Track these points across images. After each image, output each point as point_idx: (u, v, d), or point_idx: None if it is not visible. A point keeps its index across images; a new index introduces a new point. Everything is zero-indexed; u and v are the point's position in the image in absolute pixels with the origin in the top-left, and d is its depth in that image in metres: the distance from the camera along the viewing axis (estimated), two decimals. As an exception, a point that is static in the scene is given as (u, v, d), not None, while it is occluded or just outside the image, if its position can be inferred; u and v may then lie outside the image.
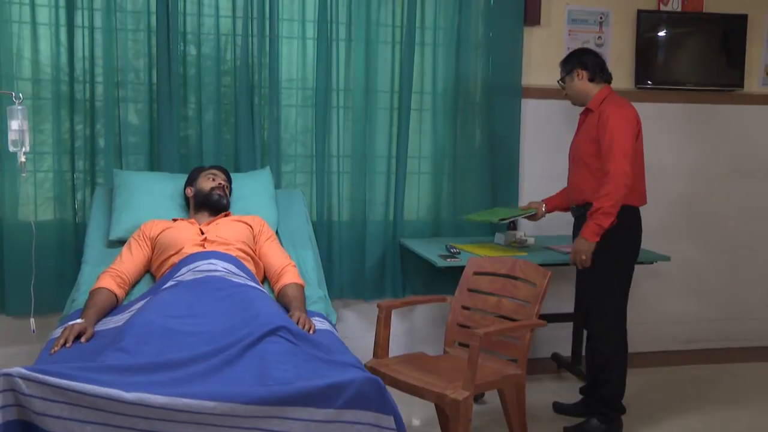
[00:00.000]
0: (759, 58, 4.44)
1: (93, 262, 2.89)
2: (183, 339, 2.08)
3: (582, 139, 3.29)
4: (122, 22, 3.57)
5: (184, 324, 2.16)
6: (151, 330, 2.08)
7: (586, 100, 3.33)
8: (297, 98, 3.84)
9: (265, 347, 2.03)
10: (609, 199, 3.05)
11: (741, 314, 4.61)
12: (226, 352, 1.99)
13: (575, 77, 3.33)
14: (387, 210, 3.98)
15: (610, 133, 3.10)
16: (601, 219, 3.07)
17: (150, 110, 3.66)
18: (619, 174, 3.05)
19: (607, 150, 3.10)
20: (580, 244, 3.12)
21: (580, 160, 3.28)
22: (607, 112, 3.16)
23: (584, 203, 3.25)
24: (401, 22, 3.89)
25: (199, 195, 3.04)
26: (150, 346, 2.01)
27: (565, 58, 3.42)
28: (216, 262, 2.60)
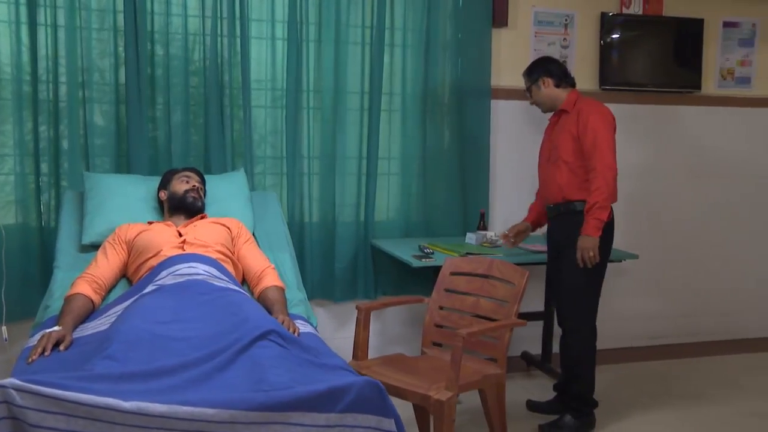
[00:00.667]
0: (714, 60, 4.56)
1: (66, 268, 2.81)
2: (171, 345, 2.04)
3: (561, 139, 3.34)
4: (86, 21, 3.48)
5: (171, 329, 2.12)
6: (139, 336, 2.03)
7: (556, 104, 3.41)
8: (266, 99, 3.80)
9: (257, 351, 2.00)
10: (601, 193, 3.14)
11: (702, 310, 4.72)
12: (218, 357, 1.95)
13: (542, 85, 3.40)
14: (357, 211, 3.96)
15: (592, 131, 3.20)
16: (599, 213, 3.16)
17: (117, 111, 3.57)
18: (606, 168, 3.16)
19: (591, 147, 3.20)
20: (585, 242, 3.18)
21: (560, 158, 3.33)
22: (586, 110, 3.26)
23: (564, 201, 3.32)
24: (371, 23, 3.88)
25: (173, 198, 2.98)
26: (138, 352, 1.96)
27: (529, 68, 3.49)
28: (197, 266, 2.55)
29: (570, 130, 3.30)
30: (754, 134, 4.67)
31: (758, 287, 4.80)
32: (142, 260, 2.69)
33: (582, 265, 3.21)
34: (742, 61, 4.61)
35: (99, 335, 2.33)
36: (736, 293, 4.76)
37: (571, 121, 3.30)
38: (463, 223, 4.13)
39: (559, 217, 3.38)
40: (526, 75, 3.47)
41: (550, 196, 3.42)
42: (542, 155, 3.54)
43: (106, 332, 2.19)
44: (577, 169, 3.28)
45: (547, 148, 3.49)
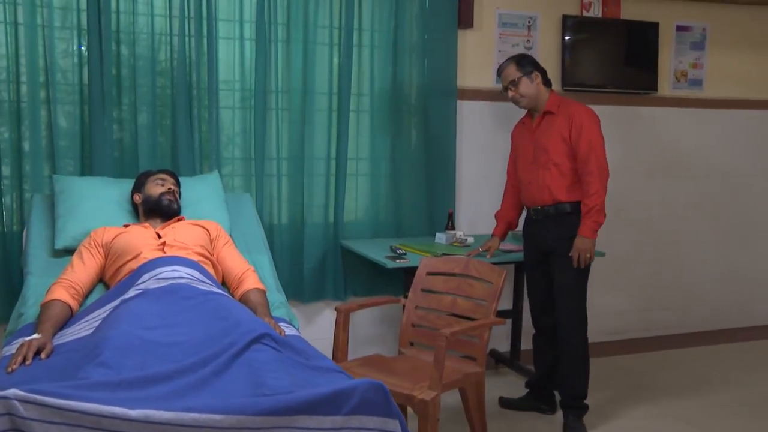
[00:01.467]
0: (669, 63, 4.68)
1: (38, 273, 2.72)
2: (162, 350, 2.00)
3: (550, 142, 3.34)
4: (48, 19, 3.38)
5: (161, 335, 2.07)
6: (129, 342, 1.98)
7: (539, 103, 3.39)
8: (234, 100, 3.76)
9: (252, 356, 1.98)
10: (599, 196, 3.21)
11: (664, 305, 4.85)
12: (213, 362, 1.92)
13: (534, 79, 3.36)
14: (326, 212, 3.95)
15: (587, 134, 3.25)
16: (597, 216, 3.24)
17: (81, 112, 3.49)
18: (602, 172, 3.23)
19: (587, 150, 3.24)
20: (583, 243, 3.23)
21: (550, 161, 3.33)
22: (578, 113, 3.29)
23: (554, 202, 3.34)
24: (339, 24, 3.86)
25: (148, 201, 2.92)
26: (131, 359, 1.92)
27: (518, 59, 3.41)
28: (180, 269, 2.50)
29: (561, 133, 3.31)
30: (707, 134, 4.81)
31: (714, 281, 4.94)
32: (121, 263, 2.63)
33: (577, 265, 3.26)
34: (694, 64, 4.75)
35: (81, 342, 2.27)
36: (694, 288, 4.90)
37: (561, 124, 3.31)
38: (431, 223, 4.15)
39: (547, 219, 3.38)
40: (517, 65, 3.38)
41: (537, 198, 3.40)
42: (523, 157, 3.49)
43: (93, 338, 2.14)
44: (567, 172, 3.31)
45: (529, 150, 3.45)
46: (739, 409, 3.72)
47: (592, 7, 4.46)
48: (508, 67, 3.39)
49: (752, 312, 5.09)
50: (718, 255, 4.94)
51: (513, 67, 3.38)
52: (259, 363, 1.94)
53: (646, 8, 4.54)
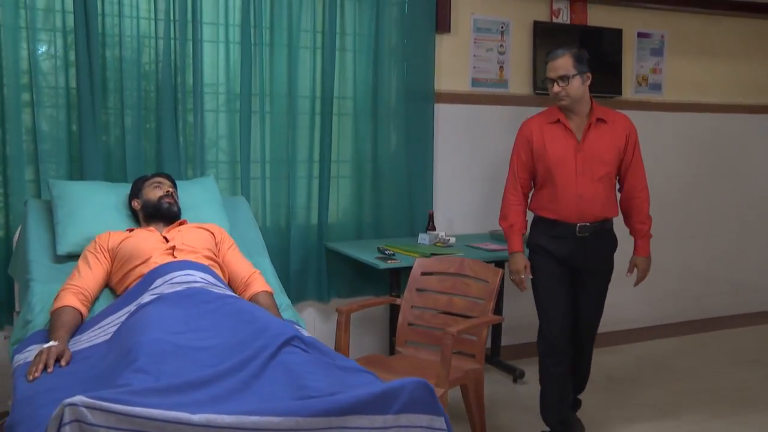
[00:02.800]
0: (632, 68, 4.85)
1: (43, 280, 2.68)
2: (195, 355, 2.01)
3: (609, 153, 3.07)
4: (31, 21, 3.30)
5: (189, 339, 2.09)
6: (162, 348, 1.99)
7: (580, 106, 3.08)
8: (218, 103, 3.75)
9: (286, 358, 2.01)
10: (649, 216, 3.20)
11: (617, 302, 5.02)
12: (249, 365, 1.95)
13: (585, 81, 3.07)
14: (309, 214, 3.97)
15: (638, 149, 3.18)
16: (649, 236, 3.21)
17: (67, 115, 3.42)
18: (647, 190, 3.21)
19: (638, 165, 3.15)
20: (646, 263, 3.20)
21: (606, 174, 3.08)
22: (632, 126, 3.19)
23: (602, 219, 3.10)
24: (322, 28, 3.89)
25: (148, 206, 2.89)
26: (166, 365, 1.92)
27: (577, 54, 3.05)
28: (193, 273, 2.50)
29: (616, 145, 3.08)
30: (666, 136, 5.00)
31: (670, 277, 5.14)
32: (129, 268, 2.61)
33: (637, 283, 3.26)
34: (654, 69, 4.94)
35: (99, 348, 2.26)
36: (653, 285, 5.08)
37: (618, 134, 3.10)
38: (410, 224, 4.21)
39: (593, 236, 3.09)
40: (575, 60, 3.02)
41: (587, 214, 3.06)
42: (563, 167, 3.07)
43: (120, 344, 2.13)
44: (614, 186, 3.17)
45: (572, 158, 3.06)
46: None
47: (561, 13, 4.59)
48: (563, 58, 3.01)
49: (706, 306, 5.30)
50: (673, 252, 5.13)
51: (570, 60, 3.01)
52: (294, 365, 1.97)
53: (610, 15, 4.71)
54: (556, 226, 3.08)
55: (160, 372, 1.88)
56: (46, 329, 2.44)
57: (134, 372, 1.87)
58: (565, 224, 3.06)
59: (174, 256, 2.64)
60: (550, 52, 3.08)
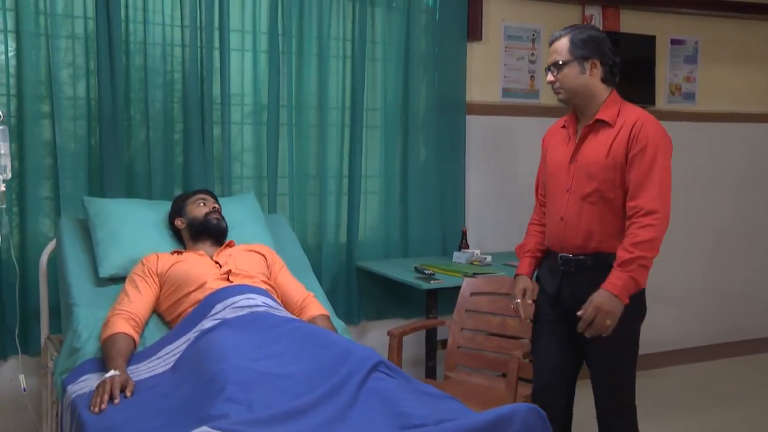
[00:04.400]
0: (665, 76, 5.10)
1: (86, 305, 2.80)
2: (280, 383, 2.14)
3: (601, 164, 2.61)
4: (51, 27, 3.43)
5: (269, 366, 2.21)
6: (248, 376, 2.12)
7: (588, 103, 2.68)
8: (242, 114, 3.89)
9: (376, 384, 2.15)
10: (652, 246, 2.50)
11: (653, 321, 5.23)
12: (340, 393, 2.08)
13: (587, 68, 2.63)
14: (338, 232, 4.12)
15: (652, 158, 2.54)
16: (639, 273, 2.50)
17: (87, 128, 3.55)
18: (666, 215, 2.53)
19: (651, 178, 2.53)
20: (607, 303, 2.48)
21: (596, 192, 2.62)
22: (647, 126, 2.59)
23: (594, 251, 2.64)
24: (352, 36, 4.06)
25: (194, 224, 3.02)
26: (254, 393, 2.05)
27: (576, 35, 2.65)
28: (254, 297, 2.64)
29: (615, 153, 2.58)
30: (700, 148, 5.23)
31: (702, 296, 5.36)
32: (183, 294, 2.74)
33: (584, 329, 2.53)
34: (687, 77, 5.19)
35: (163, 377, 2.40)
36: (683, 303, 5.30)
37: (620, 139, 2.59)
38: (442, 242, 4.38)
39: (579, 273, 2.67)
40: (571, 43, 2.63)
41: (569, 242, 2.68)
42: (556, 181, 2.76)
43: (193, 373, 2.26)
44: (619, 208, 2.60)
45: (564, 170, 2.71)
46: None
47: (593, 20, 4.82)
48: (560, 41, 2.66)
49: (743, 327, 5.53)
50: (708, 270, 5.36)
51: (566, 43, 2.64)
52: (387, 392, 2.12)
53: (643, 21, 4.95)
54: (549, 255, 2.82)
55: (250, 401, 2.01)
56: (98, 357, 2.56)
57: (225, 402, 1.99)
58: (553, 253, 2.76)
59: (230, 281, 2.77)
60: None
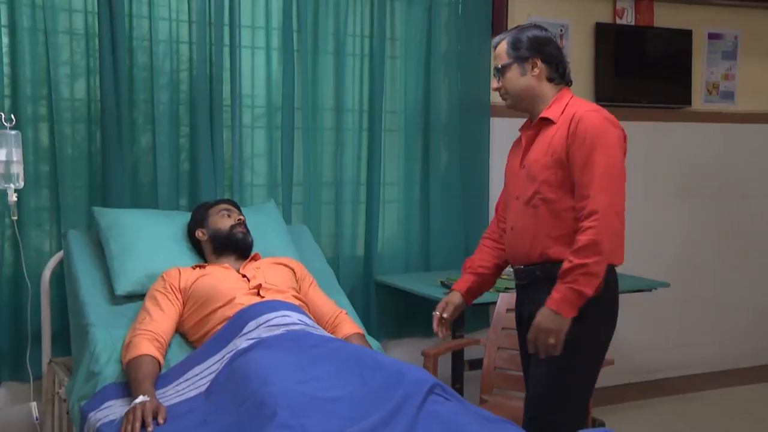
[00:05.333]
0: (701, 74, 5.08)
1: (103, 325, 2.75)
2: (330, 406, 2.11)
3: (536, 164, 2.61)
4: (50, 22, 3.38)
5: (315, 389, 2.18)
6: (297, 399, 2.08)
7: (534, 104, 2.66)
8: (252, 117, 3.85)
9: (434, 408, 2.12)
10: (594, 251, 2.40)
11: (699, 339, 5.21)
12: (399, 417, 2.06)
13: (528, 69, 2.62)
14: (355, 243, 4.08)
15: (590, 153, 2.45)
16: (583, 282, 2.40)
17: (88, 131, 3.51)
18: (611, 213, 2.42)
19: (589, 175, 2.45)
20: (548, 321, 2.43)
21: (537, 194, 2.58)
22: (586, 119, 2.50)
23: (542, 261, 2.59)
24: (370, 32, 4.03)
25: (218, 237, 2.98)
26: (306, 418, 2.01)
27: (515, 37, 2.64)
28: (290, 314, 2.61)
29: (554, 152, 2.54)
30: (739, 151, 5.21)
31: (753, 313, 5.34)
32: (209, 310, 2.70)
33: (534, 352, 2.50)
34: (725, 75, 5.17)
35: (196, 402, 2.37)
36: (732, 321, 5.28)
37: (559, 136, 2.53)
38: (465, 254, 4.32)
39: (531, 286, 2.65)
40: (510, 46, 2.62)
41: (518, 252, 2.67)
42: (510, 187, 2.77)
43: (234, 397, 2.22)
44: (563, 212, 2.54)
45: (515, 176, 2.72)
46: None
47: (625, 13, 4.80)
48: (499, 45, 2.67)
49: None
50: (746, 284, 5.34)
51: (504, 46, 2.64)
52: (447, 416, 2.09)
53: (678, 14, 4.91)
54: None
55: (303, 427, 1.97)
56: (120, 382, 2.52)
57: (279, 428, 1.95)
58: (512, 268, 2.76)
59: (261, 296, 2.73)
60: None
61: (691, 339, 5.19)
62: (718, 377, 5.18)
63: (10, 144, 2.57)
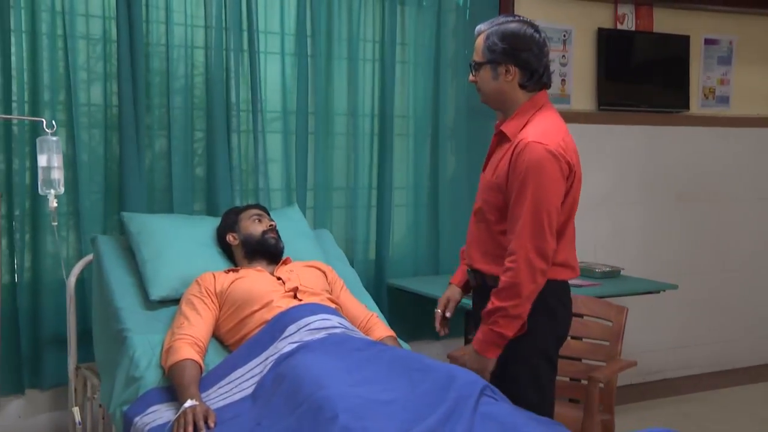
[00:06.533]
0: (698, 79, 5.25)
1: (140, 330, 2.82)
2: (386, 410, 2.20)
3: (484, 183, 2.69)
4: (71, 28, 3.47)
5: (369, 392, 2.28)
6: (356, 403, 2.18)
7: (503, 108, 2.68)
8: (264, 121, 3.93)
9: (488, 410, 2.23)
10: (513, 293, 2.46)
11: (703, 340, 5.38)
12: (454, 419, 2.16)
13: (500, 74, 2.59)
14: (367, 248, 4.18)
15: (523, 184, 2.47)
16: (503, 324, 2.48)
17: (105, 136, 3.57)
18: (531, 253, 2.45)
19: (518, 210, 2.48)
20: (472, 361, 2.54)
21: (480, 210, 2.69)
22: (528, 150, 2.47)
23: (482, 272, 2.67)
24: (381, 37, 4.15)
25: (249, 242, 3.07)
26: (367, 421, 2.11)
27: (491, 36, 2.57)
28: (330, 317, 2.70)
29: (499, 172, 2.58)
30: (733, 155, 5.39)
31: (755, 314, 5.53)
32: (247, 313, 2.78)
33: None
34: (721, 80, 5.35)
35: (243, 405, 2.45)
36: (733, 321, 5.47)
37: (506, 157, 2.56)
38: (473, 258, 4.46)
39: (475, 292, 2.80)
40: (486, 41, 2.58)
41: (469, 258, 2.77)
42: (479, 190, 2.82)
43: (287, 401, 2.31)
44: (497, 234, 2.61)
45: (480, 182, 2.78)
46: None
47: (626, 19, 4.96)
48: (479, 38, 2.63)
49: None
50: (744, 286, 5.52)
51: (481, 42, 2.61)
52: (503, 417, 2.21)
53: (677, 20, 5.10)
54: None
55: (366, 429, 2.07)
56: (162, 386, 2.60)
57: (342, 430, 2.05)
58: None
59: (298, 299, 2.83)
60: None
61: (692, 340, 5.34)
62: (720, 377, 5.35)
63: (51, 150, 2.63)
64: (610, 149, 4.96)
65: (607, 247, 4.91)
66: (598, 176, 4.82)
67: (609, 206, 4.98)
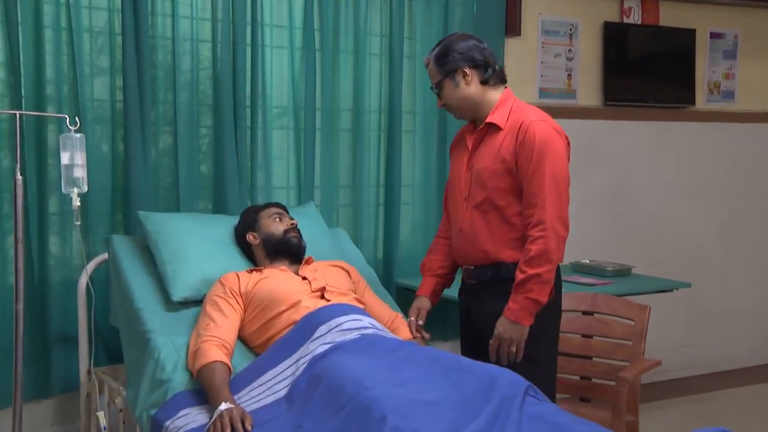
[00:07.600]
0: (704, 74, 5.32)
1: (164, 332, 2.83)
2: (431, 410, 2.23)
3: (486, 170, 2.81)
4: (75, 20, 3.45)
5: (412, 391, 2.30)
6: (401, 404, 2.20)
7: (480, 110, 2.86)
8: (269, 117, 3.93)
9: (533, 410, 2.27)
10: (545, 260, 2.66)
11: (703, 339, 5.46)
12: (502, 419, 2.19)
13: (461, 81, 2.81)
14: (375, 246, 4.20)
15: (538, 163, 2.68)
16: (538, 291, 2.68)
17: (111, 133, 3.57)
18: (557, 221, 2.68)
19: (537, 184, 2.69)
20: (507, 331, 2.71)
21: (488, 200, 2.81)
22: (534, 128, 2.71)
23: (492, 262, 2.83)
24: (389, 31, 4.16)
25: (271, 241, 3.07)
26: (415, 421, 2.13)
27: (439, 55, 2.85)
28: (360, 318, 2.72)
29: (502, 158, 2.76)
30: (739, 150, 5.47)
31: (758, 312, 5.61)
32: (274, 314, 2.79)
33: (495, 360, 2.73)
34: (726, 74, 5.43)
35: (278, 408, 2.47)
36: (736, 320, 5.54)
37: (507, 142, 2.76)
38: (481, 256, 4.49)
39: (483, 287, 2.89)
40: (436, 62, 2.84)
41: (469, 253, 2.90)
42: (455, 189, 2.96)
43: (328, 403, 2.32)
44: (512, 217, 2.78)
45: (462, 179, 2.91)
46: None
47: (632, 12, 5.01)
48: (429, 66, 2.91)
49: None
50: (749, 283, 5.61)
51: (432, 65, 2.88)
52: (550, 417, 2.25)
53: (683, 13, 5.16)
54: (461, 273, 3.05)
55: (415, 429, 2.09)
56: (191, 389, 2.61)
57: (392, 431, 2.07)
58: (460, 269, 3.01)
59: (326, 299, 2.84)
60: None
61: (697, 339, 5.41)
62: (725, 377, 5.43)
63: (75, 147, 2.61)
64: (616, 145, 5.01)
65: (612, 245, 4.95)
66: (602, 172, 4.90)
67: (614, 202, 5.03)
